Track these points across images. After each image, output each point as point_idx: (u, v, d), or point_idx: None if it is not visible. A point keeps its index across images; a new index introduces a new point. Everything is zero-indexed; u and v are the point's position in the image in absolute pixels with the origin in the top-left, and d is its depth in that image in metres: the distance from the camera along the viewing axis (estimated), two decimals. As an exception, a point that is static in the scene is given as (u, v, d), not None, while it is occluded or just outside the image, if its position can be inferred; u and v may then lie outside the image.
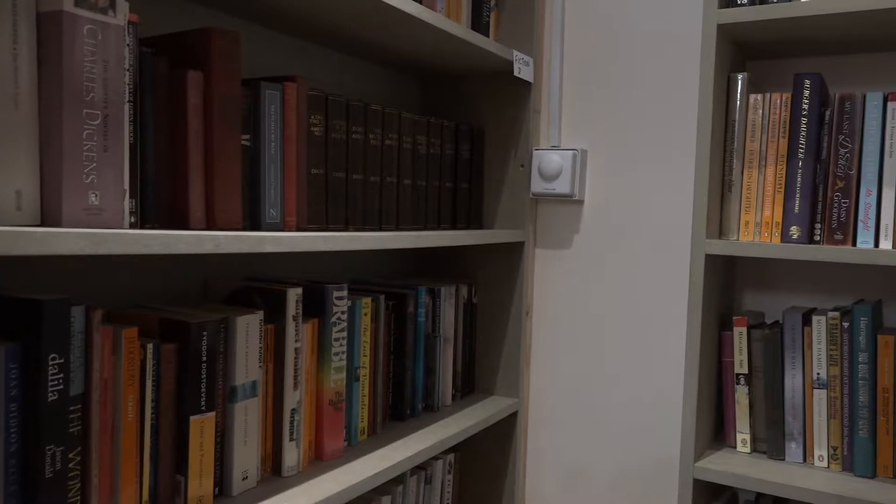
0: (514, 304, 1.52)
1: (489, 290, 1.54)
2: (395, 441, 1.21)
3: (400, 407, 1.31)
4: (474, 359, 1.55)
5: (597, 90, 1.49)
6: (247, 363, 0.97)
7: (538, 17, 1.49)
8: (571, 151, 1.46)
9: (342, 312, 1.12)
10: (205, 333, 0.90)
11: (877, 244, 1.08)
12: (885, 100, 1.07)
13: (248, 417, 0.97)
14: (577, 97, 1.51)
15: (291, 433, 1.04)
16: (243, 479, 0.97)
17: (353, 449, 1.17)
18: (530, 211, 1.52)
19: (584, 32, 1.50)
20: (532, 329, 1.58)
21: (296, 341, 1.04)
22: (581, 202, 1.51)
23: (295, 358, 1.04)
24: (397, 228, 1.24)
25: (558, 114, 1.52)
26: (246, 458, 0.98)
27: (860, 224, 1.09)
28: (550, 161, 1.47)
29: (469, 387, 1.53)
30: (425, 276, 1.58)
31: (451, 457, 1.43)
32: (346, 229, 1.13)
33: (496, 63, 1.41)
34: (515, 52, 1.40)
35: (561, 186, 1.47)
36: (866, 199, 1.09)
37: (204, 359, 0.90)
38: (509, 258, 1.52)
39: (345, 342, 1.13)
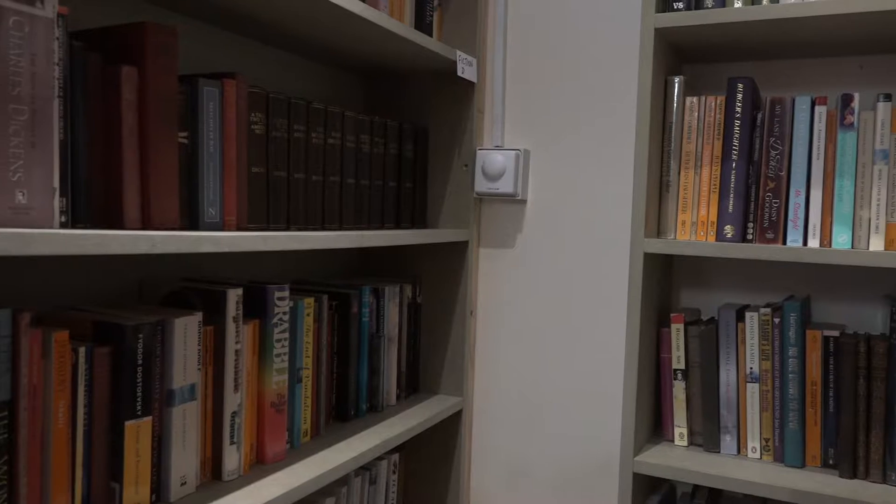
0: (458, 303, 1.52)
1: (434, 289, 1.54)
2: (338, 442, 1.20)
3: (344, 407, 1.30)
4: (419, 358, 1.55)
5: (539, 91, 1.51)
6: (185, 366, 0.94)
7: (481, 18, 1.50)
8: (514, 151, 1.48)
9: (284, 313, 1.10)
10: (140, 336, 0.88)
11: (805, 242, 1.12)
12: (813, 104, 1.12)
13: (186, 421, 0.95)
14: (520, 98, 1.53)
15: (232, 436, 1.02)
16: (182, 484, 0.95)
17: (296, 451, 1.15)
18: (474, 210, 1.53)
19: (526, 34, 1.52)
20: (476, 328, 1.58)
21: (236, 343, 1.02)
22: (524, 202, 1.53)
23: (235, 360, 1.02)
24: (340, 228, 1.23)
25: (501, 114, 1.53)
26: (184, 463, 0.95)
27: (790, 223, 1.13)
28: (494, 161, 1.48)
29: (414, 386, 1.53)
30: (369, 276, 1.58)
31: (395, 457, 1.43)
32: (287, 229, 1.11)
33: (440, 63, 1.41)
34: (459, 53, 1.41)
35: (504, 186, 1.48)
36: (795, 200, 1.13)
37: (140, 362, 0.88)
38: (453, 257, 1.52)
39: (287, 343, 1.11)
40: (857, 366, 1.11)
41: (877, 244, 1.08)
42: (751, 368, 1.19)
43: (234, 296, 1.01)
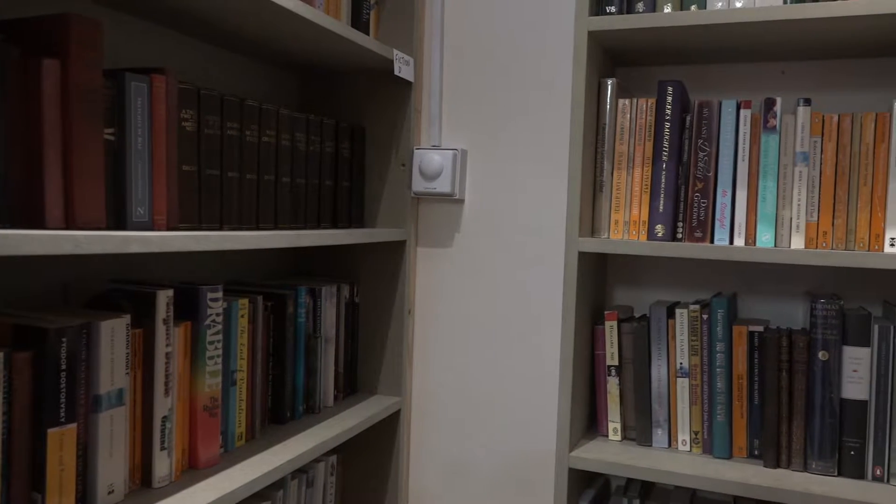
0: (396, 302, 1.52)
1: (371, 289, 1.54)
2: (274, 445, 1.18)
3: (280, 410, 1.28)
4: (357, 359, 1.54)
5: (476, 91, 1.52)
6: (112, 370, 0.91)
7: (418, 18, 1.50)
8: (452, 151, 1.48)
9: (217, 314, 1.08)
10: (64, 340, 0.85)
11: (731, 241, 1.16)
12: (738, 107, 1.16)
13: (114, 428, 0.92)
14: (457, 98, 1.53)
15: (162, 442, 0.99)
16: (109, 493, 0.92)
17: (230, 455, 1.13)
18: (411, 210, 1.52)
19: (463, 34, 1.53)
20: (414, 327, 1.58)
21: (167, 346, 0.99)
22: (461, 201, 1.54)
23: (166, 363, 0.99)
24: (276, 228, 1.21)
25: (439, 114, 1.54)
26: (112, 470, 0.92)
27: (717, 222, 1.17)
28: (431, 160, 1.48)
29: (352, 387, 1.52)
30: (306, 276, 1.56)
31: (333, 458, 1.42)
32: (220, 228, 1.09)
33: (376, 62, 1.41)
34: (396, 52, 1.40)
35: (441, 186, 1.48)
36: (722, 200, 1.16)
37: (63, 367, 0.85)
38: (391, 257, 1.52)
39: (220, 345, 1.09)
40: (779, 359, 1.16)
41: (797, 243, 1.13)
42: (681, 364, 1.22)
43: (164, 297, 0.98)
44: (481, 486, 1.54)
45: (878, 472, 1.12)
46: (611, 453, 1.20)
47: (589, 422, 1.35)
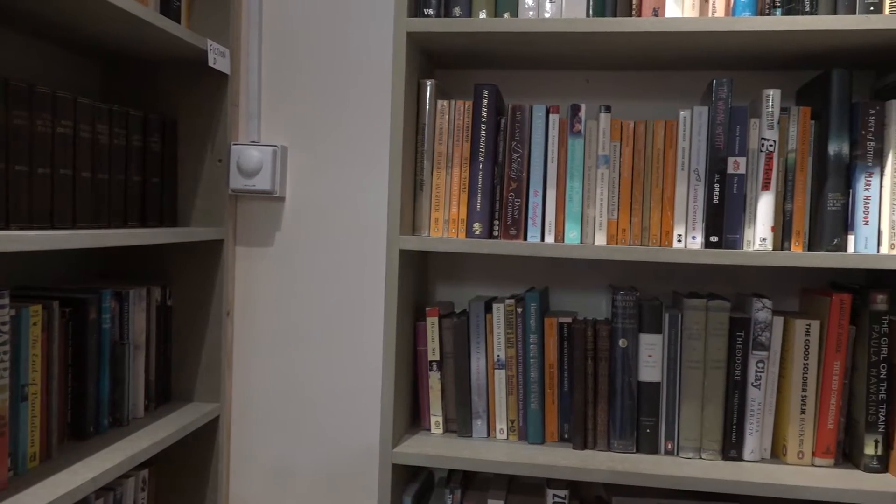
0: (213, 304, 1.45)
1: (186, 290, 1.46)
2: (74, 463, 1.09)
3: (81, 425, 1.18)
4: (171, 365, 1.46)
5: (297, 87, 1.49)
6: None
7: (235, 8, 1.44)
8: (271, 148, 1.44)
9: (3, 323, 0.97)
10: None
11: (543, 238, 1.23)
12: (548, 112, 1.22)
13: None
14: (277, 93, 1.50)
15: (-65, 469, 0.88)
16: None
17: (21, 478, 1.02)
18: (229, 208, 1.47)
19: (284, 29, 1.49)
20: (234, 330, 1.52)
21: (-61, 360, 0.88)
22: (282, 199, 1.50)
23: (-61, 380, 0.88)
24: (74, 227, 1.11)
25: (258, 108, 1.49)
26: None
27: (530, 221, 1.23)
28: (250, 157, 1.43)
29: (165, 395, 1.43)
30: (113, 279, 1.45)
31: (144, 473, 1.33)
32: (6, 228, 0.98)
33: (189, 52, 1.33)
34: (210, 42, 1.34)
35: (261, 183, 1.44)
36: (534, 199, 1.23)
37: None
38: (207, 257, 1.45)
39: (7, 357, 0.98)
40: (585, 348, 1.24)
41: (600, 239, 1.21)
42: (498, 356, 1.28)
43: (-65, 306, 0.87)
44: (306, 487, 1.51)
45: (669, 447, 1.24)
46: (432, 446, 1.23)
47: (412, 417, 1.37)
